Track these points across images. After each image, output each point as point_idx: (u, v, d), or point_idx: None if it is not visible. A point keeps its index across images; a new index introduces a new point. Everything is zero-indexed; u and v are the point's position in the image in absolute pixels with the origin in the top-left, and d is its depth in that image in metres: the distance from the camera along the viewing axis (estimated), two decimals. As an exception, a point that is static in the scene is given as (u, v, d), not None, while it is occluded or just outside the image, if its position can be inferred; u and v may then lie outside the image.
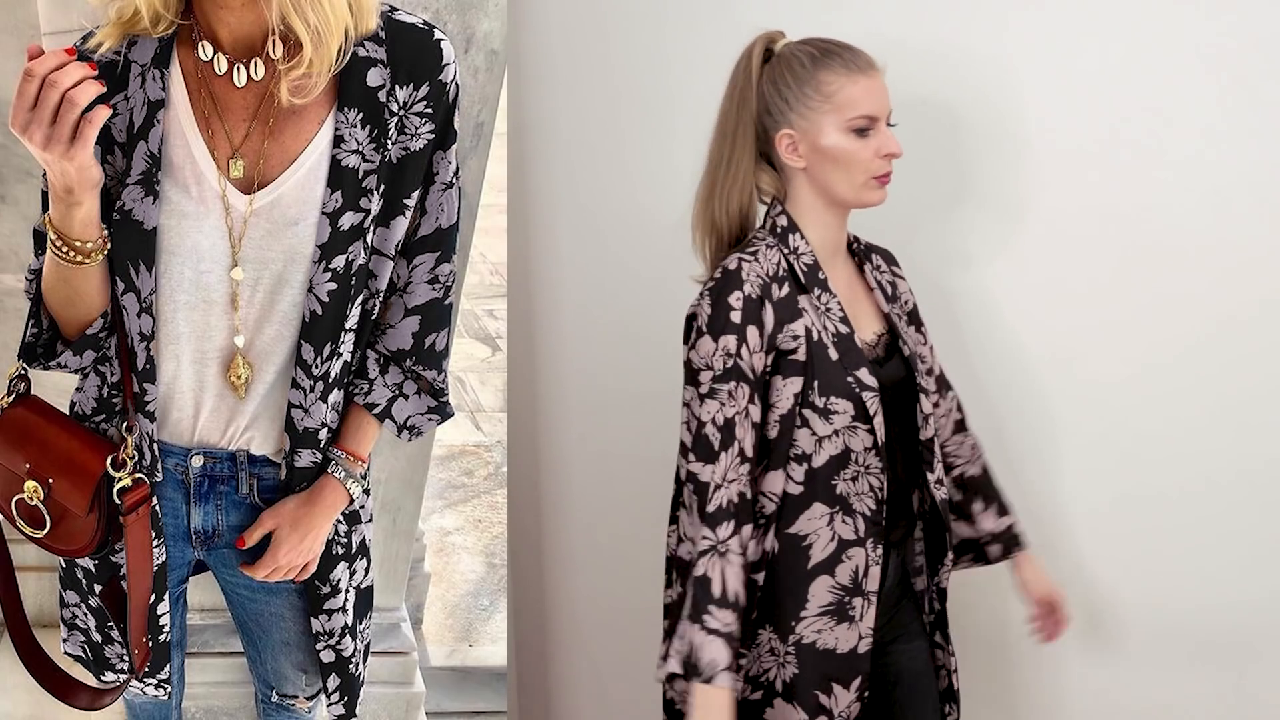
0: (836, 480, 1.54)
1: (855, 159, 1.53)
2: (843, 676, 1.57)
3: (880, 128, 1.54)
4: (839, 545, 1.55)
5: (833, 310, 1.56)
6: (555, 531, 2.58)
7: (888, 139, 1.53)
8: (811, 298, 1.55)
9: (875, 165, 1.53)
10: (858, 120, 1.52)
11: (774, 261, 1.55)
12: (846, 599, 1.56)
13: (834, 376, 1.53)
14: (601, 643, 2.58)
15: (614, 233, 2.40)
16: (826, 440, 1.52)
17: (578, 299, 2.43)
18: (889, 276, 1.69)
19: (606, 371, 2.44)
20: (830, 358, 1.53)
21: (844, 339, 1.55)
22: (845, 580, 1.56)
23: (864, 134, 1.53)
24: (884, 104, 1.54)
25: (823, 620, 1.56)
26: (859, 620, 1.57)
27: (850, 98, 1.52)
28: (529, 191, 2.44)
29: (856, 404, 1.53)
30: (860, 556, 1.56)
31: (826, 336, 1.54)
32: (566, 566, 2.57)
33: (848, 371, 1.53)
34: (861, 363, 1.54)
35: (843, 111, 1.52)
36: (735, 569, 1.48)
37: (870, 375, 1.54)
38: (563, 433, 2.50)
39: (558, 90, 2.36)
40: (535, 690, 2.61)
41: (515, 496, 2.53)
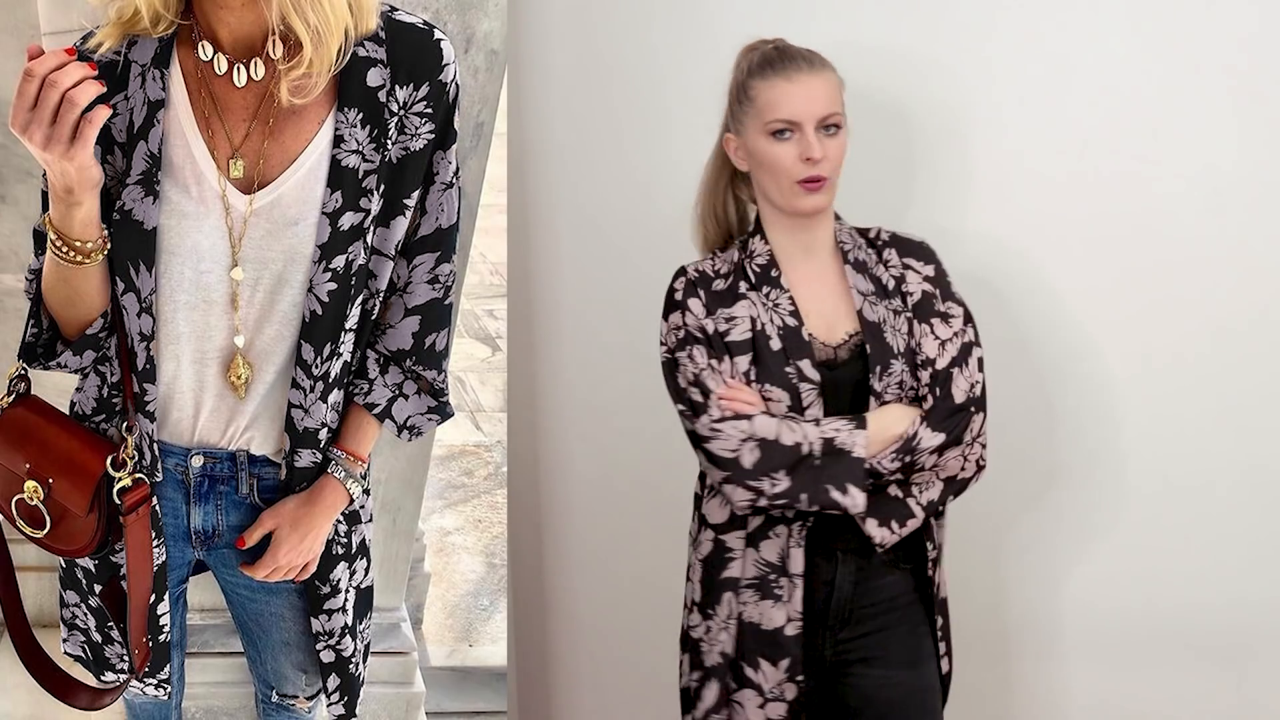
0: None
1: (776, 163, 1.56)
2: (770, 653, 1.62)
3: (804, 132, 1.54)
4: (766, 521, 1.61)
5: (781, 305, 1.60)
6: (555, 531, 2.58)
7: (809, 144, 1.54)
8: (760, 294, 1.61)
9: (797, 169, 1.55)
10: (774, 124, 1.55)
11: (728, 261, 1.64)
12: (772, 576, 1.61)
13: (774, 365, 1.58)
14: (601, 643, 2.58)
15: (614, 232, 2.40)
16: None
17: (578, 299, 2.43)
18: (897, 271, 1.66)
19: (606, 371, 2.44)
20: (772, 348, 1.58)
21: (790, 331, 1.59)
22: (771, 557, 1.61)
23: (782, 137, 1.55)
24: (808, 108, 1.54)
25: (749, 593, 1.62)
26: (786, 601, 1.60)
27: (769, 101, 1.56)
28: (529, 191, 2.44)
29: (792, 394, 1.57)
30: (784, 535, 1.60)
31: (771, 329, 1.59)
32: (566, 566, 2.57)
33: (789, 361, 1.58)
34: (805, 355, 1.58)
35: (763, 115, 1.57)
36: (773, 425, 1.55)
37: (813, 369, 1.58)
38: (563, 433, 2.50)
39: (558, 90, 2.36)
40: (535, 690, 2.61)
41: (515, 496, 2.53)
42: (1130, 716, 2.13)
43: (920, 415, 1.57)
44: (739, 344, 1.60)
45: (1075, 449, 2.07)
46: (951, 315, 1.64)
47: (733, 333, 1.60)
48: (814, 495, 1.54)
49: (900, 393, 1.60)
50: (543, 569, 2.60)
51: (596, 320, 2.43)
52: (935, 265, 1.67)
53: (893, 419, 1.57)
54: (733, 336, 1.60)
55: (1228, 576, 2.03)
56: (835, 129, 1.57)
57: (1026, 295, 2.05)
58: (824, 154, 1.55)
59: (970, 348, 1.64)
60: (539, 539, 2.58)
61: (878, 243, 1.68)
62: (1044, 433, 2.08)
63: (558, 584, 2.60)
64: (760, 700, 1.64)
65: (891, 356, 1.60)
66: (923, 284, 1.66)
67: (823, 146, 1.55)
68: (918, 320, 1.63)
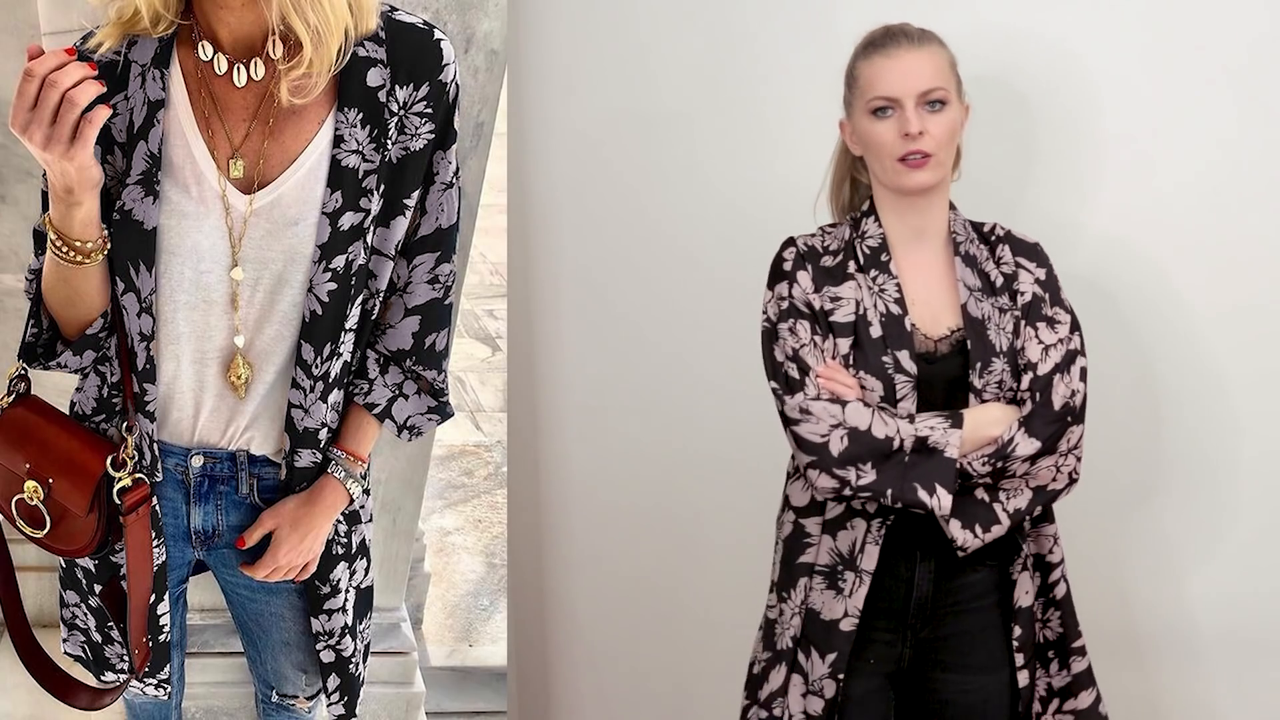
0: None
1: (878, 142, 1.54)
2: (821, 644, 1.60)
3: (904, 108, 1.52)
4: (846, 511, 1.59)
5: (888, 291, 1.57)
6: (555, 531, 2.58)
7: (907, 119, 1.52)
8: (867, 278, 1.58)
9: (896, 146, 1.53)
10: (875, 101, 1.54)
11: (838, 238, 1.62)
12: (839, 567, 1.59)
13: (872, 353, 1.55)
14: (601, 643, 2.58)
15: (614, 232, 2.40)
16: None
17: (578, 299, 2.43)
18: (1010, 268, 1.62)
19: (606, 371, 2.44)
20: (872, 335, 1.56)
21: (893, 320, 1.56)
22: (843, 548, 1.59)
23: (884, 115, 1.54)
24: (907, 84, 1.52)
25: (819, 579, 1.61)
26: (848, 595, 1.58)
27: (868, 80, 1.55)
28: (529, 191, 2.44)
29: (887, 385, 1.54)
30: (860, 529, 1.57)
31: (874, 314, 1.56)
32: (566, 566, 2.57)
33: (887, 350, 1.55)
34: (905, 346, 1.55)
35: (864, 95, 1.56)
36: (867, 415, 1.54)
37: (910, 360, 1.55)
38: (563, 433, 2.50)
39: (558, 90, 2.36)
40: (535, 690, 2.61)
41: (515, 496, 2.53)
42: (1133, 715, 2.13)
43: (1019, 419, 1.54)
44: (842, 325, 1.57)
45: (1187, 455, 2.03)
46: (1058, 321, 1.60)
47: (837, 313, 1.57)
48: (900, 492, 1.51)
49: (1000, 392, 1.56)
50: (543, 569, 2.60)
51: (596, 320, 2.43)
52: (1047, 269, 1.63)
53: (990, 419, 1.54)
54: (837, 317, 1.57)
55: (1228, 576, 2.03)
56: (940, 105, 1.53)
57: (1138, 296, 2.00)
58: (924, 129, 1.51)
59: (1074, 356, 1.59)
60: (539, 539, 2.58)
61: (992, 238, 1.64)
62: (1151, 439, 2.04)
63: (558, 584, 2.60)
64: (804, 689, 1.63)
65: (993, 355, 1.56)
66: (1034, 286, 1.61)
67: (923, 122, 1.52)
68: (1025, 322, 1.59)
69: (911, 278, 1.60)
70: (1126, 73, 1.97)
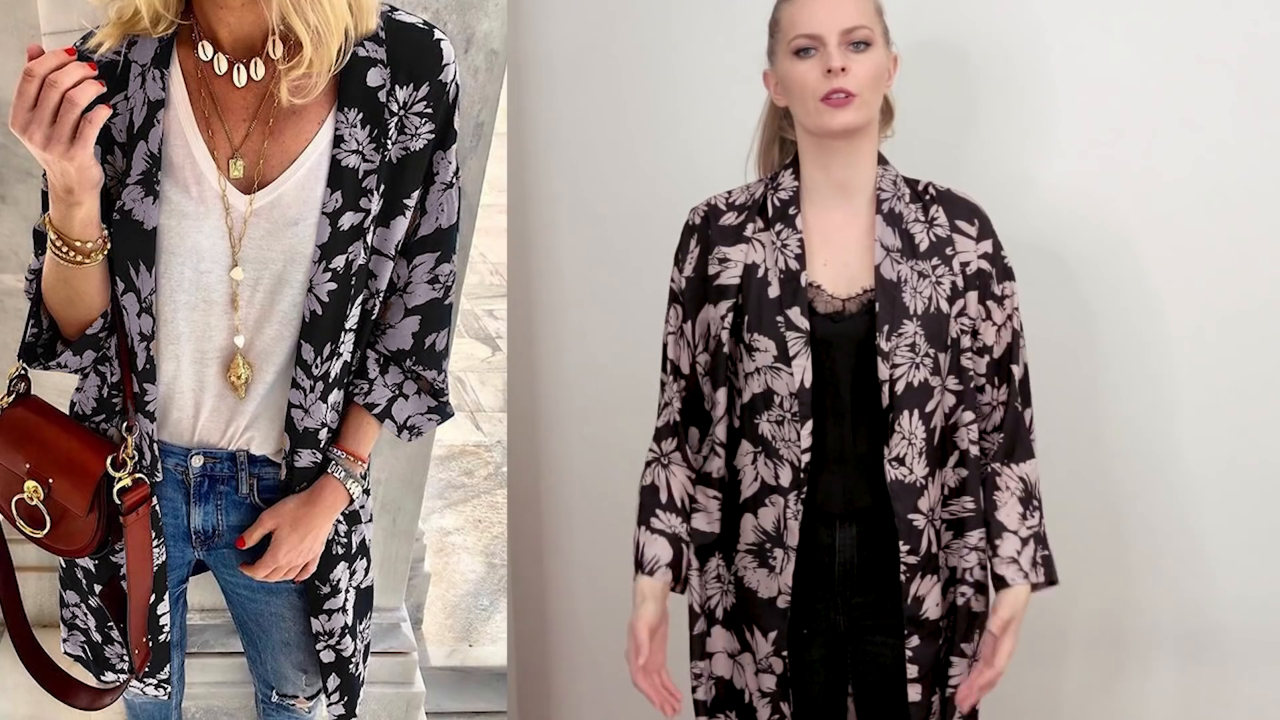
0: (759, 420, 1.54)
1: (800, 83, 1.49)
2: (761, 623, 1.60)
3: (826, 46, 1.47)
4: (761, 488, 1.56)
5: (789, 246, 1.53)
6: (555, 531, 2.58)
7: (829, 55, 1.46)
8: (770, 234, 1.55)
9: (819, 85, 1.47)
10: (797, 41, 1.49)
11: (750, 193, 1.60)
12: (768, 546, 1.57)
13: (766, 313, 1.52)
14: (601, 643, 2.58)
15: (614, 232, 2.40)
16: (751, 377, 1.54)
17: (578, 299, 2.43)
18: (942, 231, 1.56)
19: (606, 371, 2.44)
20: (769, 295, 1.53)
21: (790, 276, 1.52)
22: (768, 526, 1.57)
23: (806, 55, 1.48)
24: (829, 20, 1.47)
25: (748, 558, 1.60)
26: (778, 573, 1.56)
27: (790, 20, 1.51)
28: (529, 191, 2.44)
29: (779, 343, 1.51)
30: (780, 505, 1.55)
31: (773, 273, 1.53)
32: (566, 566, 2.57)
33: (782, 308, 1.52)
34: (797, 303, 1.51)
35: (786, 36, 1.51)
36: (679, 478, 1.63)
37: (802, 316, 1.51)
38: (563, 433, 2.50)
39: (558, 90, 2.36)
40: (535, 690, 2.61)
41: (515, 496, 2.53)
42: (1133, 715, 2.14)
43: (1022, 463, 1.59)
44: (726, 288, 1.56)
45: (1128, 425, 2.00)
46: (1005, 296, 1.57)
47: (722, 275, 1.56)
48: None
49: (913, 356, 1.51)
50: (543, 569, 2.60)
51: (596, 320, 2.43)
52: (992, 239, 1.57)
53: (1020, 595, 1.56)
54: (721, 280, 1.56)
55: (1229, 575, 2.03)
56: (865, 45, 1.48)
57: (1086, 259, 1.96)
58: (846, 65, 1.46)
59: (1017, 338, 1.58)
60: (539, 539, 2.58)
61: (926, 196, 1.57)
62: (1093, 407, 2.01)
63: (558, 584, 2.60)
64: (754, 668, 1.62)
65: (905, 317, 1.51)
66: (980, 260, 1.56)
67: (846, 59, 1.46)
68: (978, 299, 1.55)
69: (825, 234, 1.55)
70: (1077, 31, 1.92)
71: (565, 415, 2.48)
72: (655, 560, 1.61)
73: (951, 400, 1.55)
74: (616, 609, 2.56)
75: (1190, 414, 1.98)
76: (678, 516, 1.62)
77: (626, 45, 2.30)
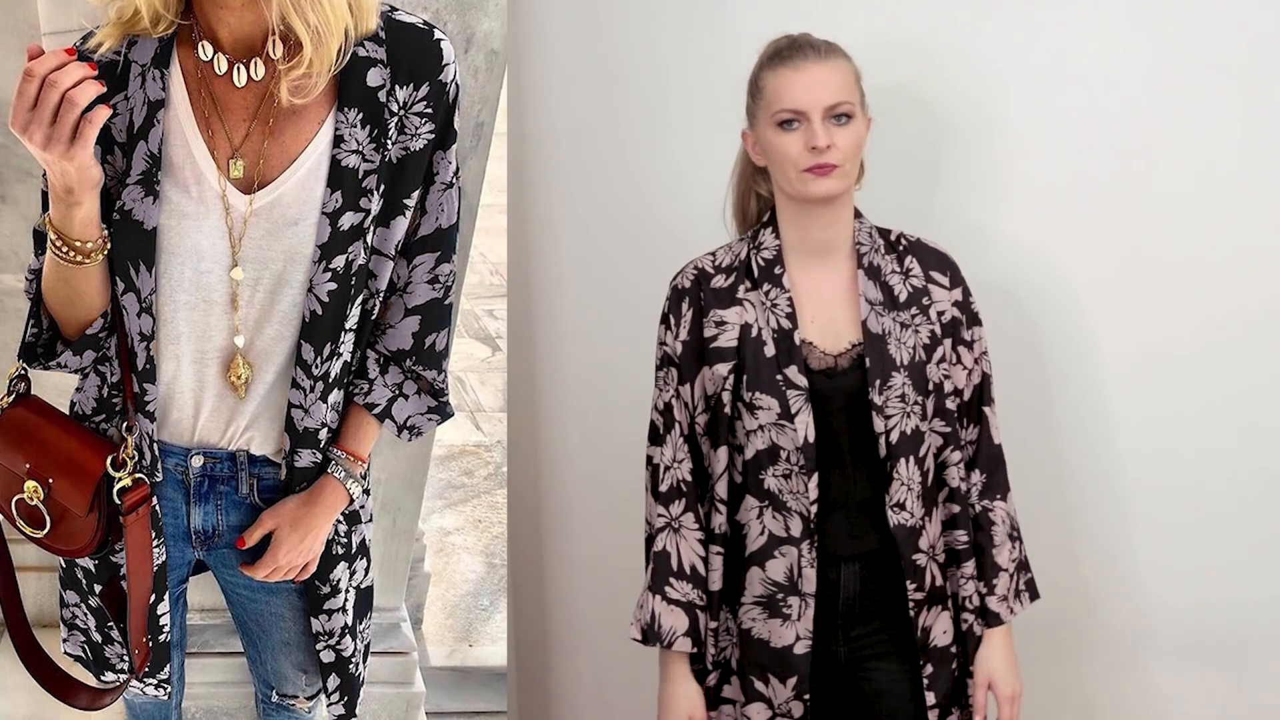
0: (764, 475, 1.58)
1: (783, 153, 1.54)
2: (778, 671, 1.61)
3: (811, 121, 1.53)
4: (770, 540, 1.60)
5: (779, 306, 1.59)
6: (555, 531, 2.58)
7: (814, 133, 1.52)
8: (759, 293, 1.60)
9: (802, 159, 1.53)
10: (781, 114, 1.54)
11: (735, 254, 1.64)
12: (780, 596, 1.60)
13: (765, 372, 1.57)
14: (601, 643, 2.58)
15: (614, 232, 2.40)
16: (755, 434, 1.58)
17: (578, 299, 2.43)
18: (918, 282, 1.63)
19: (606, 371, 2.44)
20: (765, 354, 1.58)
21: (783, 335, 1.58)
22: (779, 576, 1.60)
23: (790, 127, 1.54)
24: (813, 97, 1.53)
25: (756, 610, 1.61)
26: (795, 620, 1.59)
27: (775, 91, 1.55)
28: (529, 191, 2.44)
29: (781, 401, 1.56)
30: (793, 555, 1.59)
31: (767, 333, 1.58)
32: (566, 566, 2.57)
33: (780, 368, 1.57)
34: (794, 361, 1.57)
35: (770, 107, 1.56)
36: (690, 543, 1.63)
37: (800, 374, 1.57)
38: (563, 433, 2.50)
39: (558, 90, 2.36)
40: (535, 690, 2.61)
41: (515, 496, 2.53)
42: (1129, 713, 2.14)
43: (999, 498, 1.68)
44: (724, 350, 1.60)
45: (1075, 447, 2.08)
46: (974, 341, 1.65)
47: (720, 338, 1.61)
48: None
49: (904, 406, 1.58)
50: (543, 569, 2.60)
51: (596, 320, 2.43)
52: (962, 287, 1.65)
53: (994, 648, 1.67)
54: (719, 342, 1.61)
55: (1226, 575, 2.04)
56: (846, 118, 1.54)
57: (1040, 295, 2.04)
58: (831, 142, 1.52)
59: (986, 380, 1.67)
60: (539, 539, 2.58)
61: (899, 247, 1.64)
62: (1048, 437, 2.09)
63: (558, 584, 2.60)
64: (769, 714, 1.64)
65: (893, 370, 1.57)
66: (953, 308, 1.63)
67: (830, 135, 1.52)
68: (951, 345, 1.63)
69: (811, 292, 1.61)
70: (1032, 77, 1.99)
71: (565, 415, 2.48)
72: (673, 631, 1.62)
73: (939, 441, 1.63)
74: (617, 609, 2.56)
75: (1130, 432, 2.06)
76: (689, 584, 1.63)
77: (626, 45, 2.30)
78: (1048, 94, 1.99)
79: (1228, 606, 2.05)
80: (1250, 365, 1.99)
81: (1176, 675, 2.10)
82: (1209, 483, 2.04)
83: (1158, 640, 2.10)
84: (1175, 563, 2.07)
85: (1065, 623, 2.11)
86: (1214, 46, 1.95)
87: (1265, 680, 2.07)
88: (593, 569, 2.53)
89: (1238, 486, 2.03)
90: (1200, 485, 2.04)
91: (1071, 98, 1.98)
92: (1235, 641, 2.06)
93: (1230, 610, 2.06)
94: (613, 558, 2.53)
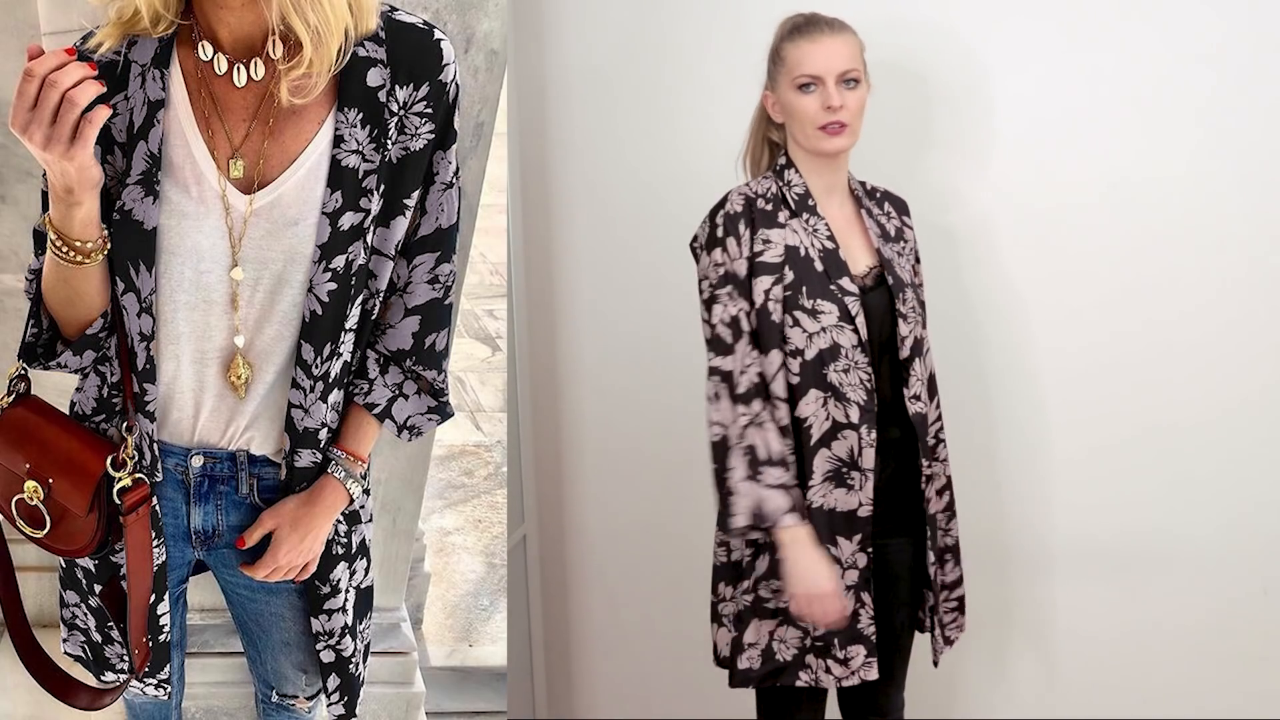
0: (827, 370, 1.79)
1: (802, 112, 1.81)
2: (844, 530, 1.80)
3: (825, 85, 1.79)
4: (833, 426, 1.80)
5: (819, 230, 1.83)
6: (555, 531, 2.58)
7: (829, 94, 1.78)
8: (800, 220, 1.83)
9: (820, 117, 1.79)
10: (801, 79, 1.80)
11: (767, 187, 1.85)
12: (845, 469, 1.80)
13: (820, 283, 1.80)
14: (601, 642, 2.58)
15: (613, 232, 2.40)
16: (817, 335, 1.79)
17: (577, 299, 2.43)
18: (896, 222, 1.93)
19: (606, 371, 2.45)
20: (816, 269, 1.80)
21: (830, 254, 1.82)
22: (842, 454, 1.80)
23: (808, 90, 1.80)
24: (829, 64, 1.79)
25: (826, 486, 1.80)
26: (858, 489, 1.81)
27: (796, 60, 1.81)
28: (529, 191, 2.44)
29: (840, 306, 1.79)
30: (854, 438, 1.80)
31: (813, 251, 1.81)
32: (567, 567, 2.57)
33: (831, 280, 1.80)
34: (844, 273, 1.81)
35: (791, 72, 1.82)
36: (774, 433, 1.78)
37: (852, 284, 1.81)
38: (563, 433, 2.50)
39: (558, 89, 2.36)
40: (535, 690, 2.61)
41: (515, 497, 2.53)
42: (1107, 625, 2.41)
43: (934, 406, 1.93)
44: (771, 264, 1.79)
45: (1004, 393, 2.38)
46: (919, 262, 1.96)
47: (767, 254, 1.80)
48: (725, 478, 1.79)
49: (919, 314, 1.88)
50: (543, 569, 2.60)
51: (596, 320, 2.43)
52: (914, 229, 1.96)
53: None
54: (766, 257, 1.80)
55: (1119, 507, 2.35)
56: (854, 83, 1.80)
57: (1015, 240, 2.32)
58: (843, 103, 1.78)
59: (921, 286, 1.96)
60: (539, 539, 2.58)
61: (876, 194, 1.95)
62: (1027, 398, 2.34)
63: (557, 584, 2.60)
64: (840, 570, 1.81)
65: (903, 287, 1.86)
66: (915, 244, 1.96)
67: (842, 97, 1.78)
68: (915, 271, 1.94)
69: (833, 221, 1.86)
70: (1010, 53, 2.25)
71: (565, 415, 2.48)
72: (779, 510, 1.75)
73: (929, 345, 1.93)
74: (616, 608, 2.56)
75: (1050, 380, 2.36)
76: (781, 469, 1.76)
77: (626, 45, 2.30)
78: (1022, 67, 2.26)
79: (1119, 533, 2.35)
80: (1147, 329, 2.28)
81: (1074, 589, 2.41)
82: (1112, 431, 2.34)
83: (1062, 559, 2.40)
84: (1078, 497, 2.37)
85: (993, 542, 2.40)
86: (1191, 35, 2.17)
87: (1146, 594, 2.37)
88: (592, 568, 2.53)
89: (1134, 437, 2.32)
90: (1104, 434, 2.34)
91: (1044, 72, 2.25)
92: (1122, 561, 2.37)
93: (1121, 536, 2.35)
94: (612, 557, 2.53)
